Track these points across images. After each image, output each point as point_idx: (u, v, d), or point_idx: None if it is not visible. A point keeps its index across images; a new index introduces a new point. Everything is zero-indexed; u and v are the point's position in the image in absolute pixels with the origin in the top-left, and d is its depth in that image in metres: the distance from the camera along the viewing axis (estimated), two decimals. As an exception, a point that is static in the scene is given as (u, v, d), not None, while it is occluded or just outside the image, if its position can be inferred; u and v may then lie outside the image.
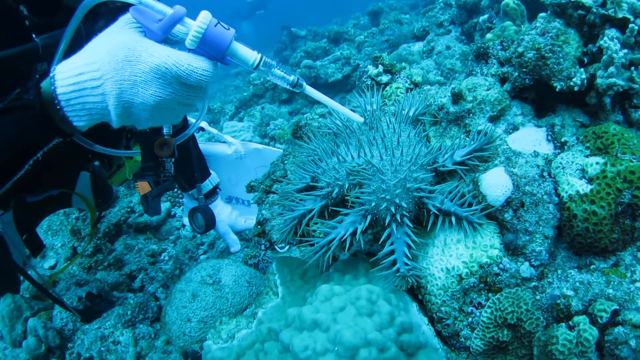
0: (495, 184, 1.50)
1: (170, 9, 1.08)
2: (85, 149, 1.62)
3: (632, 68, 1.72)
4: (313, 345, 1.39)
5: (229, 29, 1.12)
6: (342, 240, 1.55)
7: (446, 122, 1.73)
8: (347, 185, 1.59)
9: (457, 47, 4.37)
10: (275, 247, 1.81)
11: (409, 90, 1.96)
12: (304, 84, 1.31)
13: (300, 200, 1.72)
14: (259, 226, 1.88)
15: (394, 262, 1.51)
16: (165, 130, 1.91)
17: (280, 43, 10.46)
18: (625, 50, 1.67)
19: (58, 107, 1.11)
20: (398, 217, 1.48)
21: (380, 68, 1.97)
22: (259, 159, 3.29)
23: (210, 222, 2.62)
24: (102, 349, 2.66)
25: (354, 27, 9.14)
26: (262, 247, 1.99)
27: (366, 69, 1.97)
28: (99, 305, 2.88)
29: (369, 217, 1.54)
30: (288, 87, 1.29)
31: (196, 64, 1.08)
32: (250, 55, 1.17)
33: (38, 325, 2.73)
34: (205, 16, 1.07)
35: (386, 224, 1.51)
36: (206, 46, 1.09)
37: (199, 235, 3.65)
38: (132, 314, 2.77)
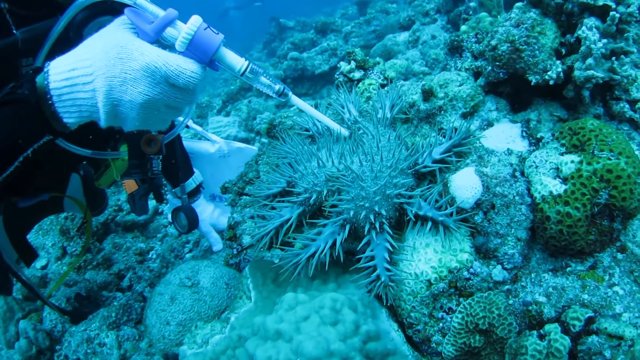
0: (464, 185, 1.43)
1: (163, 11, 1.11)
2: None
3: (613, 58, 1.64)
4: (276, 356, 1.35)
5: (218, 33, 1.13)
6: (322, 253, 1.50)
7: (417, 120, 1.66)
8: (325, 192, 1.53)
9: (442, 37, 4.26)
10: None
11: (383, 87, 1.89)
12: (290, 93, 1.35)
13: (272, 208, 1.66)
14: (230, 230, 1.83)
15: (374, 269, 1.45)
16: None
17: (268, 34, 10.33)
18: (605, 40, 1.59)
19: (50, 102, 1.12)
20: (377, 225, 1.42)
21: (353, 64, 1.90)
22: (242, 158, 3.24)
23: (193, 221, 2.59)
24: (89, 351, 2.66)
25: (341, 17, 9.06)
26: (234, 250, 1.94)
27: (339, 65, 1.90)
28: (88, 307, 2.87)
29: (347, 227, 1.48)
30: (274, 95, 1.33)
31: (185, 66, 1.09)
32: (238, 61, 1.20)
33: (28, 327, 2.75)
34: (195, 20, 1.10)
35: (365, 232, 1.46)
36: (195, 49, 1.11)
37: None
38: (117, 315, 2.76)
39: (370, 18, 6.63)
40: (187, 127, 3.23)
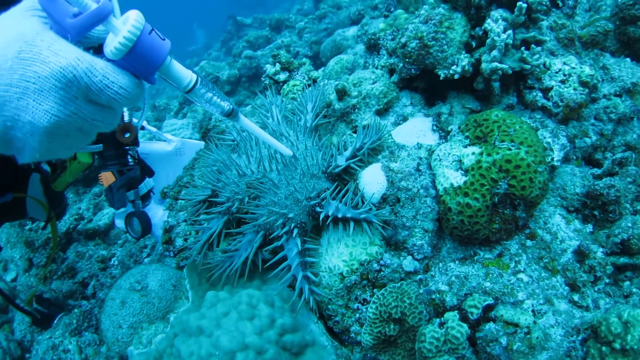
0: (371, 181, 1.48)
1: (94, 2, 0.76)
2: None
3: (523, 48, 1.69)
4: (198, 351, 1.41)
5: (164, 39, 0.83)
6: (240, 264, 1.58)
7: (334, 119, 1.71)
8: (246, 199, 1.58)
9: (390, 31, 4.23)
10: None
11: (307, 87, 1.93)
12: (240, 115, 1.09)
13: (206, 210, 1.73)
14: (165, 234, 1.87)
15: (289, 270, 1.52)
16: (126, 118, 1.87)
17: (226, 33, 10.14)
18: (510, 31, 1.64)
19: None
20: (287, 229, 1.48)
21: (278, 66, 1.93)
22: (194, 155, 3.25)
23: (146, 226, 2.61)
24: (54, 357, 2.71)
25: (297, 12, 8.94)
26: (171, 254, 1.98)
27: (265, 68, 1.93)
28: (54, 310, 2.94)
29: (261, 233, 1.54)
30: (220, 116, 1.05)
31: (114, 78, 0.77)
32: (186, 75, 0.91)
33: (1, 337, 2.82)
34: (137, 18, 0.77)
35: (274, 235, 1.52)
36: (134, 59, 0.78)
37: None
38: (77, 322, 2.81)
39: (322, 14, 6.61)
40: (142, 128, 3.23)
